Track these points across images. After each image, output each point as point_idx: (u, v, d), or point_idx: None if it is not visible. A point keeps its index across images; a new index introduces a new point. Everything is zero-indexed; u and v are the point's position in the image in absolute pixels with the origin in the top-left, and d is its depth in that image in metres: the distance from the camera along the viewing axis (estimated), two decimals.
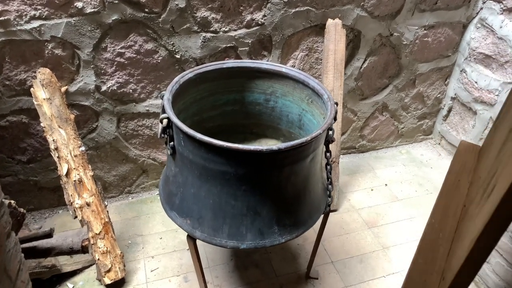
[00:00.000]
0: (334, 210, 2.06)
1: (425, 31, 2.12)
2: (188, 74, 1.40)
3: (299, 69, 2.03)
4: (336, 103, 1.32)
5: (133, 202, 2.16)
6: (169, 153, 1.28)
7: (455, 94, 2.36)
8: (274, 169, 1.15)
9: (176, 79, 1.36)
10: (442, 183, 0.94)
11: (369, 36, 2.03)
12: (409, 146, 2.60)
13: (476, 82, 2.19)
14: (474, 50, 2.18)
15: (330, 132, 1.35)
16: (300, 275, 1.75)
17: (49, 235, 1.08)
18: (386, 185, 2.27)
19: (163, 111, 1.23)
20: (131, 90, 1.84)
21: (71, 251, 1.12)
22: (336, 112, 1.29)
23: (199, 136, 1.09)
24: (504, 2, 1.97)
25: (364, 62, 2.12)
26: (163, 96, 1.28)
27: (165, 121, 1.20)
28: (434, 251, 0.74)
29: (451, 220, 0.77)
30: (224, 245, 1.24)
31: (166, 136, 1.24)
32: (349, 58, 2.09)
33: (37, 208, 2.07)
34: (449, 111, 2.44)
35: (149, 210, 2.10)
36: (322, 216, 1.52)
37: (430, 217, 0.85)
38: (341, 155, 2.46)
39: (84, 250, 1.17)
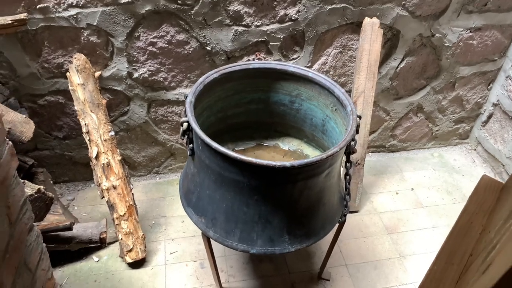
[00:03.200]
0: (355, 212, 2.05)
1: (470, 34, 1.99)
2: (213, 74, 1.41)
3: (331, 66, 1.98)
4: (359, 117, 1.29)
5: (160, 182, 2.24)
6: (188, 153, 1.31)
7: (498, 101, 2.23)
8: (287, 183, 1.16)
9: (201, 79, 1.37)
10: (454, 223, 0.91)
11: (409, 36, 1.93)
12: (442, 149, 2.50)
13: None
14: None
15: (352, 143, 1.33)
16: (312, 274, 1.78)
17: (68, 228, 1.16)
18: (412, 189, 2.21)
19: (185, 114, 1.25)
20: (161, 78, 1.87)
21: (89, 242, 1.20)
22: (358, 126, 1.27)
23: (214, 145, 1.11)
24: None
25: (401, 62, 2.03)
26: (186, 97, 1.30)
27: (185, 124, 1.22)
28: None
29: (454, 270, 0.74)
30: (235, 248, 1.28)
31: (186, 137, 1.27)
32: (386, 57, 2.01)
33: (71, 180, 2.20)
34: (489, 117, 2.31)
35: (175, 192, 2.18)
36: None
37: (433, 261, 0.83)
38: (369, 153, 2.42)
39: (102, 242, 1.25)
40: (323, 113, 1.51)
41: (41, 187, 1.26)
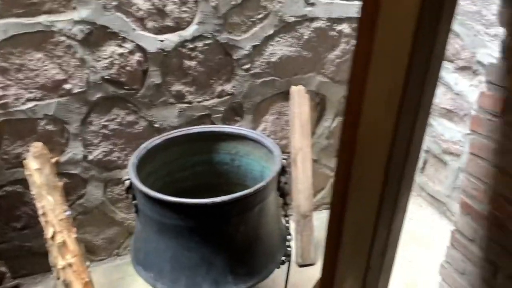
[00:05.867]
0: (312, 264, 2.10)
1: None
2: (156, 140, 1.58)
3: (271, 131, 2.21)
4: (285, 159, 1.46)
5: (120, 264, 2.25)
6: (133, 211, 1.41)
7: (428, 147, 2.47)
8: (221, 220, 1.27)
9: (143, 145, 1.54)
10: None
11: (334, 99, 2.21)
12: None
13: (442, 135, 2.31)
14: (437, 105, 2.33)
15: (286, 186, 1.47)
16: None
17: (15, 286, 1.20)
18: None
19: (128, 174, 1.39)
20: (115, 158, 2.02)
21: None
22: (283, 167, 1.43)
23: (152, 193, 1.24)
24: (455, 62, 2.15)
25: (332, 122, 2.28)
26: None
27: (127, 182, 1.35)
28: None
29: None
30: None
31: (130, 196, 1.39)
32: (319, 118, 2.26)
33: (30, 273, 2.17)
34: (425, 163, 2.53)
35: (134, 271, 2.16)
36: (287, 267, 1.59)
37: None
38: (322, 210, 2.54)
39: None
40: (259, 165, 1.68)
41: None
